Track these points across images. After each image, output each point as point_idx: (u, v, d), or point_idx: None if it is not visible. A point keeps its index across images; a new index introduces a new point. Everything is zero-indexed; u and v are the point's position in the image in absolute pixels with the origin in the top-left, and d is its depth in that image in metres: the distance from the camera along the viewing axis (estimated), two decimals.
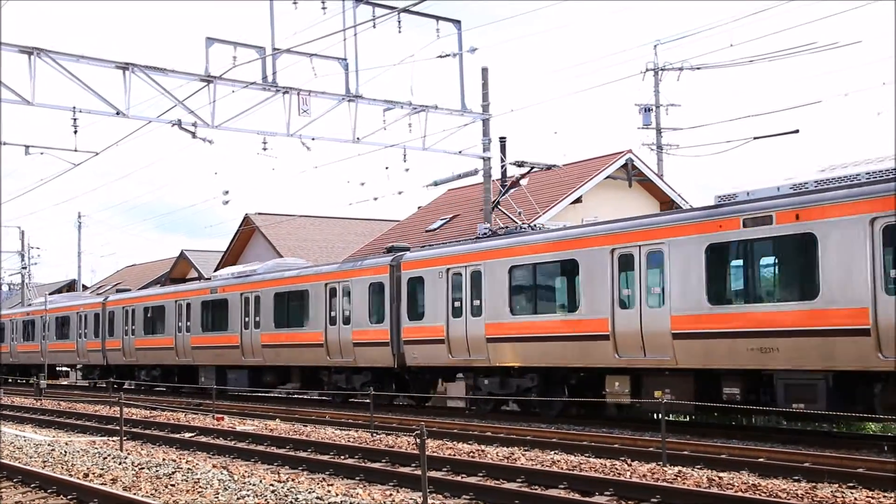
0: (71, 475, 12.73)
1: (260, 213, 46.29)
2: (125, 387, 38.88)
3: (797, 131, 30.35)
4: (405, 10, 22.41)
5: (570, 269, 19.34)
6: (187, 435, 19.13)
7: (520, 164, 24.71)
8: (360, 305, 24.77)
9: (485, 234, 22.46)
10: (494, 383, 21.37)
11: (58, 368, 47.45)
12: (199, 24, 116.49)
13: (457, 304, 21.78)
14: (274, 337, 28.13)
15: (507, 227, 22.79)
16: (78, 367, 44.97)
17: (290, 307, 27.67)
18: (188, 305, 32.62)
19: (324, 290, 26.05)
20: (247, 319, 29.23)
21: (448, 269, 22.04)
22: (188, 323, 32.61)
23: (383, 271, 24.14)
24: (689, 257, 16.69)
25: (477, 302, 21.29)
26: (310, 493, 10.80)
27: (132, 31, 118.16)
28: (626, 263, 17.97)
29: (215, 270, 45.96)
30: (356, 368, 25.37)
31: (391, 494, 11.49)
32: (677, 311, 16.87)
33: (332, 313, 25.70)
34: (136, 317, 36.23)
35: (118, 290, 42.47)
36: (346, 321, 25.24)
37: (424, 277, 22.71)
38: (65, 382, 49.33)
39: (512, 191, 29.55)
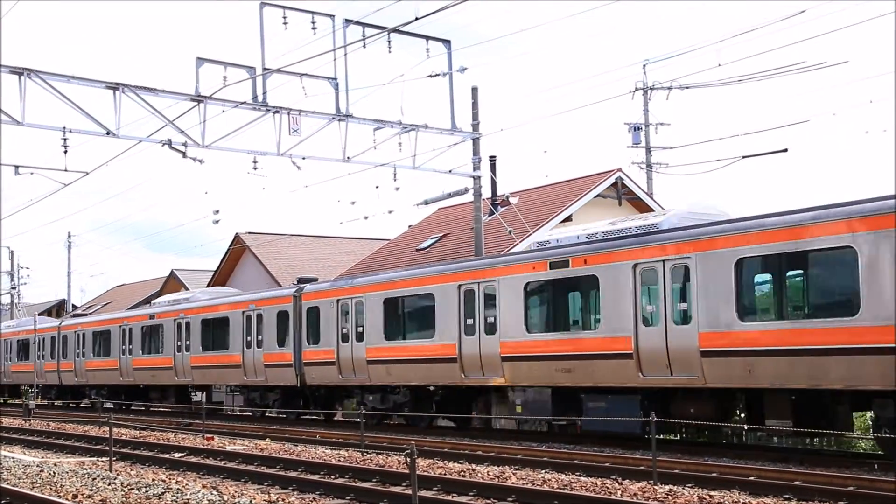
0: (60, 496, 12.66)
1: (250, 233, 46.25)
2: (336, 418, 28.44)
3: (786, 150, 30.43)
4: (395, 30, 22.51)
5: None
6: (177, 455, 19.03)
7: None
8: None
9: None
10: None
11: (192, 393, 35.25)
12: (189, 44, 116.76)
13: None
14: (762, 336, 15.62)
15: None
16: (227, 388, 32.57)
17: (800, 283, 15.86)
18: (487, 292, 20.58)
19: None
20: (649, 309, 17.48)
21: None
22: (493, 317, 20.39)
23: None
24: None
25: None
26: None
27: (122, 52, 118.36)
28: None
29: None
30: None
31: None
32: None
33: None
34: (365, 313, 24.26)
35: (300, 280, 29.05)
36: None
37: None
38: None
39: (502, 209, 29.68)
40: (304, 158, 24.15)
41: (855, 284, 14.33)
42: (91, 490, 13.17)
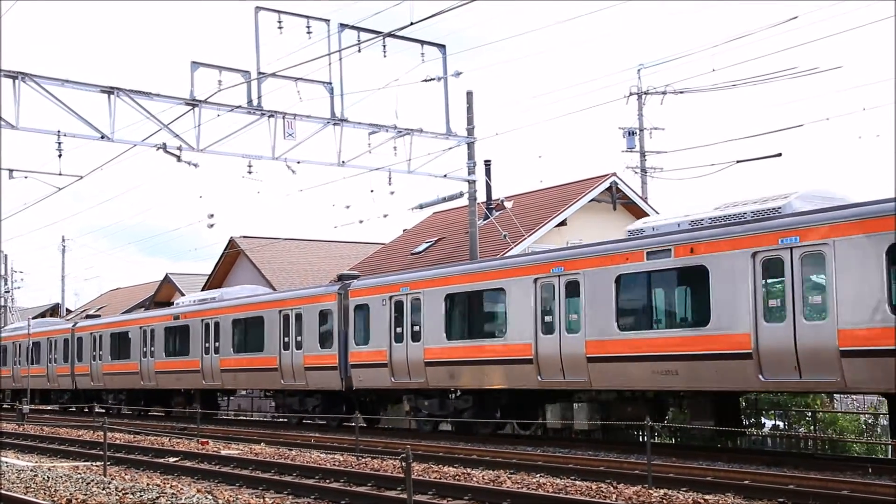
0: (54, 501, 12.63)
1: (245, 237, 46.19)
2: None
3: (780, 155, 30.52)
4: (390, 35, 22.54)
5: None
6: (171, 459, 19.00)
7: None
8: None
9: None
10: None
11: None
12: (184, 48, 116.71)
13: None
14: None
15: None
16: None
17: None
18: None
19: None
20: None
21: None
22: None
23: None
24: None
25: None
26: None
27: (117, 56, 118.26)
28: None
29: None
30: None
31: None
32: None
33: None
34: None
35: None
36: None
37: None
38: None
39: (497, 214, 29.71)
40: (298, 162, 24.14)
41: (504, 315, 20.44)
42: (85, 495, 13.13)
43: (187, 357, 31.30)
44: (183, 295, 49.29)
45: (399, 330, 23.24)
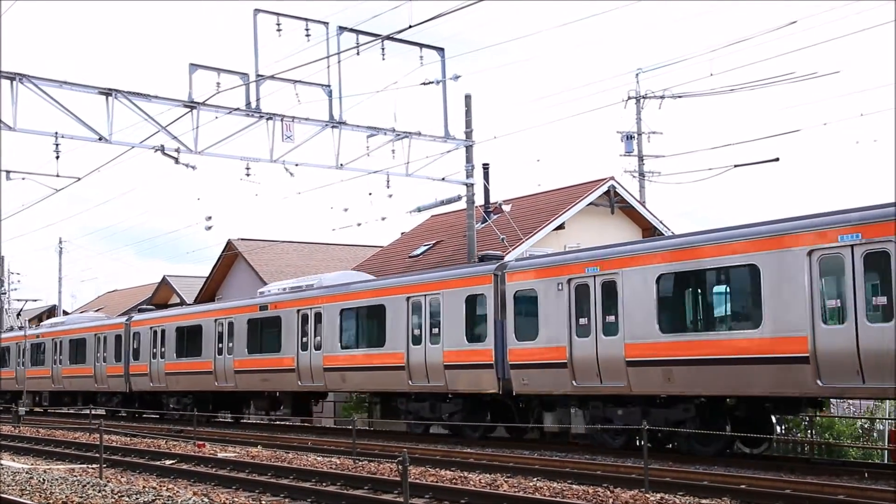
0: (49, 503, 12.60)
1: (243, 239, 46.16)
2: None
3: (777, 159, 30.52)
4: (389, 38, 22.55)
5: None
6: (168, 462, 18.97)
7: None
8: None
9: None
10: None
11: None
12: (182, 50, 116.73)
13: None
14: None
15: None
16: None
17: None
18: None
19: None
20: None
21: None
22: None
23: None
24: None
25: None
26: None
27: (115, 58, 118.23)
28: None
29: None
30: None
31: None
32: None
33: None
34: None
35: None
36: None
37: None
38: None
39: (495, 217, 29.71)
40: (297, 165, 24.15)
41: (756, 299, 16.19)
42: (81, 497, 13.12)
43: (278, 354, 27.16)
44: (180, 297, 49.29)
45: (583, 321, 18.81)
